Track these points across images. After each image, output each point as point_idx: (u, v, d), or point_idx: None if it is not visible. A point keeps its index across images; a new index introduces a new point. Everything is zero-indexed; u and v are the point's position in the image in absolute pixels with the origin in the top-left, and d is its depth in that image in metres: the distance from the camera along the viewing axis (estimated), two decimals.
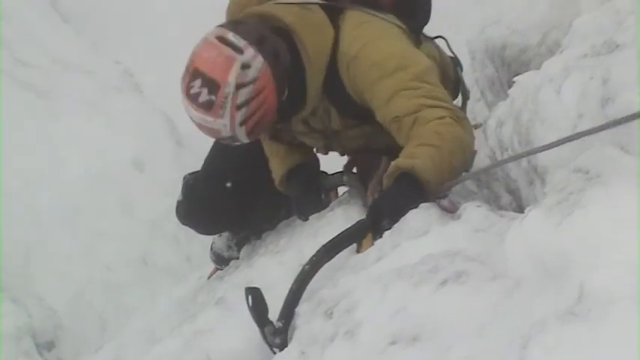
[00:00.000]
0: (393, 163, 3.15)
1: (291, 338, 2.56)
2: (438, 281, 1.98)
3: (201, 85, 3.01)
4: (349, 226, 2.97)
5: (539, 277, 1.68)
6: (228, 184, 3.80)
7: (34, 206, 5.45)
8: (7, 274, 4.72)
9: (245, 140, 3.19)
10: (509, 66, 4.06)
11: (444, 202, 2.81)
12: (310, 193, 3.61)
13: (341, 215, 3.31)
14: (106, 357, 3.83)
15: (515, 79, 2.79)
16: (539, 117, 2.53)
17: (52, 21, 7.40)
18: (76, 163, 5.80)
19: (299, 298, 2.70)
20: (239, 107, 3.02)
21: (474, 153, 3.09)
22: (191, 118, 3.11)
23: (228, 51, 3.02)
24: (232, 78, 3.00)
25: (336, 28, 3.31)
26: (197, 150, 4.62)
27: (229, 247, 4.29)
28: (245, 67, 3.01)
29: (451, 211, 2.68)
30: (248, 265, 3.52)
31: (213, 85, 3.00)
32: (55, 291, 5.03)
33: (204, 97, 3.01)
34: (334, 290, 2.43)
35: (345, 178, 3.51)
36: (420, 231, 2.46)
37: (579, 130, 2.31)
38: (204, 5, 7.91)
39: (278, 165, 3.68)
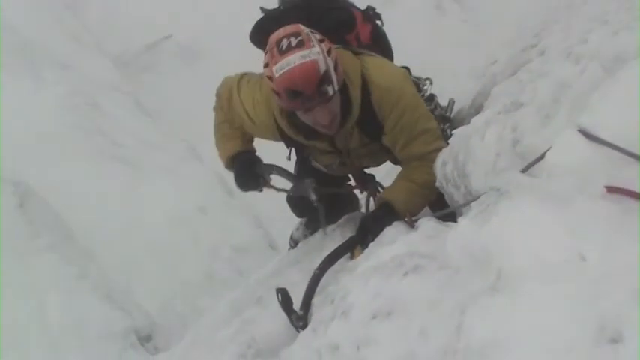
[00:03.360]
0: (381, 194, 3.19)
1: (309, 321, 2.56)
2: (402, 272, 1.98)
3: (288, 41, 2.66)
4: (344, 241, 3.02)
5: (470, 265, 1.68)
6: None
7: (130, 244, 5.50)
8: (115, 291, 4.73)
9: (335, 87, 2.75)
10: (452, 123, 4.07)
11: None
12: (250, 174, 3.38)
13: (339, 234, 3.35)
14: (185, 344, 3.81)
15: (453, 132, 2.80)
16: (470, 157, 2.53)
17: (136, 115, 7.62)
18: (158, 212, 5.86)
19: (313, 293, 2.71)
20: (320, 41, 2.71)
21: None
22: (290, 72, 2.65)
23: (291, 39, 2.67)
24: (303, 28, 2.72)
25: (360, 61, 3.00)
26: (243, 198, 4.65)
27: (305, 236, 4.13)
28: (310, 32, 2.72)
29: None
30: (278, 274, 3.52)
31: (295, 33, 2.67)
32: (150, 300, 5.06)
33: (294, 41, 2.65)
34: (337, 286, 2.44)
35: (275, 168, 3.36)
36: (391, 240, 2.47)
37: (498, 164, 2.34)
38: None
39: (229, 146, 3.43)
